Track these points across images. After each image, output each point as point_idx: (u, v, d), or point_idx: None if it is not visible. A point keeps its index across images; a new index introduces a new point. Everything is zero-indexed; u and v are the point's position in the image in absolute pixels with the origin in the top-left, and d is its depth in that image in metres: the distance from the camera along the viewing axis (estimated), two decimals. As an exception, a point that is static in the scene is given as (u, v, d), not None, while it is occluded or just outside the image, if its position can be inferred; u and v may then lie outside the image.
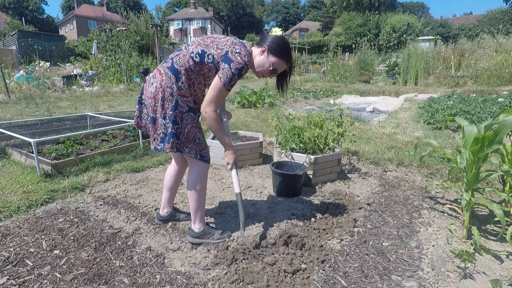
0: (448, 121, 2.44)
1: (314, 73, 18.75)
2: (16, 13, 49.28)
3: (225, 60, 1.68)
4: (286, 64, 1.83)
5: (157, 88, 1.72)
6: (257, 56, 1.79)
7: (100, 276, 1.65)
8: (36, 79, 9.58)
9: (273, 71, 1.79)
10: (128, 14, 18.45)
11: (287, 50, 1.79)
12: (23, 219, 2.20)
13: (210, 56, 1.71)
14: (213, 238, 1.94)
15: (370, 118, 6.14)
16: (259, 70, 1.81)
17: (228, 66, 1.67)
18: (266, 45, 1.76)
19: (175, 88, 1.71)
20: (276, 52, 1.76)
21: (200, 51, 1.72)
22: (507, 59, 10.27)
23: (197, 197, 1.89)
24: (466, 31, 36.51)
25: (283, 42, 1.77)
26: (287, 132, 3.11)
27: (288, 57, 1.80)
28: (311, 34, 44.58)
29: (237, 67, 1.67)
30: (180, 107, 1.73)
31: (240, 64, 1.67)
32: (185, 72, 1.72)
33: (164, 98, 1.71)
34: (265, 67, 1.78)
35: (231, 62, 1.67)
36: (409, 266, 1.76)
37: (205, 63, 1.72)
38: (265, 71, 1.80)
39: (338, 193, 2.69)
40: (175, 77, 1.71)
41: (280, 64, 1.79)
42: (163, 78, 1.72)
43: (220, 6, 61.63)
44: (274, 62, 1.77)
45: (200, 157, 1.83)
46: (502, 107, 5.99)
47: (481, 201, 1.92)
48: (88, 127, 4.66)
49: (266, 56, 1.77)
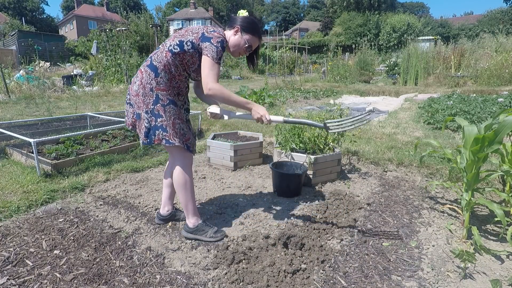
0: (448, 121, 2.44)
1: (314, 73, 18.76)
2: (16, 13, 49.29)
3: (204, 40, 1.77)
4: (259, 39, 1.94)
5: (138, 85, 1.82)
6: (231, 37, 1.89)
7: (100, 276, 1.65)
8: (36, 79, 9.58)
9: (248, 47, 1.90)
10: (128, 14, 18.46)
11: (258, 27, 1.92)
12: (23, 219, 2.20)
13: (188, 43, 1.78)
14: (206, 236, 1.97)
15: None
16: (235, 49, 1.90)
17: (209, 43, 1.75)
18: (238, 24, 1.88)
19: (154, 83, 1.79)
20: (249, 30, 1.88)
21: (178, 42, 1.79)
22: (507, 59, 10.27)
23: (184, 190, 1.94)
24: (466, 31, 36.51)
25: (253, 20, 1.91)
26: (287, 132, 3.11)
27: (259, 33, 1.93)
28: (311, 34, 44.59)
29: (218, 40, 1.76)
30: (161, 101, 1.80)
31: (219, 37, 1.77)
32: (163, 68, 1.79)
33: (145, 94, 1.80)
34: (240, 45, 1.89)
35: (210, 39, 1.76)
36: (409, 266, 1.76)
37: (185, 50, 1.79)
38: (241, 49, 1.90)
39: (338, 193, 2.68)
40: (154, 73, 1.79)
41: (253, 40, 1.91)
42: (143, 75, 1.82)
43: (220, 6, 61.65)
44: (248, 39, 1.88)
45: (187, 147, 1.91)
46: (502, 107, 5.99)
47: (481, 201, 1.92)
48: (88, 127, 4.65)
49: (240, 35, 1.88)
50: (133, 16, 18.08)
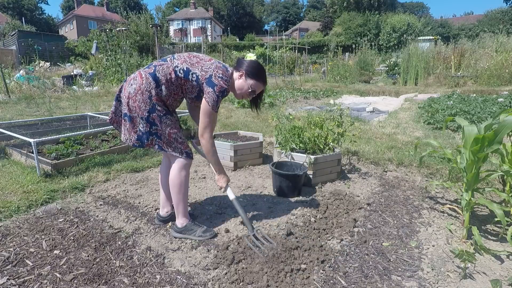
0: (448, 121, 2.44)
1: (314, 73, 18.75)
2: (15, 13, 49.29)
3: (209, 84, 1.82)
4: (263, 85, 1.97)
5: (135, 90, 1.80)
6: (236, 79, 1.93)
7: (100, 276, 1.65)
8: (36, 79, 9.58)
9: (251, 92, 1.94)
10: (128, 14, 18.45)
11: (263, 73, 1.95)
12: (23, 219, 2.20)
13: (194, 75, 1.84)
14: (195, 235, 2.00)
15: (370, 118, 6.14)
16: (239, 92, 1.95)
17: (213, 90, 1.81)
18: (244, 69, 1.91)
19: (153, 93, 1.80)
20: (253, 75, 1.90)
21: (185, 68, 1.84)
22: (507, 59, 10.27)
23: (177, 191, 1.97)
24: (466, 31, 36.51)
25: (258, 66, 1.93)
26: (287, 132, 3.10)
27: (264, 79, 1.96)
28: (311, 34, 44.56)
29: (220, 90, 1.82)
30: (158, 111, 1.83)
31: (222, 87, 1.83)
32: (165, 82, 1.83)
33: (143, 100, 1.80)
34: (244, 89, 1.93)
35: (214, 86, 1.81)
36: (409, 266, 1.76)
37: (189, 80, 1.85)
38: (244, 93, 1.95)
39: (338, 193, 2.68)
40: (156, 84, 1.81)
41: (257, 85, 1.94)
42: (143, 81, 1.80)
43: (220, 6, 61.63)
44: (252, 84, 1.91)
45: (186, 155, 1.95)
46: (502, 107, 5.99)
47: (481, 201, 1.92)
48: (88, 127, 4.65)
49: (245, 80, 1.91)
50: (133, 16, 18.06)
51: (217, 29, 53.71)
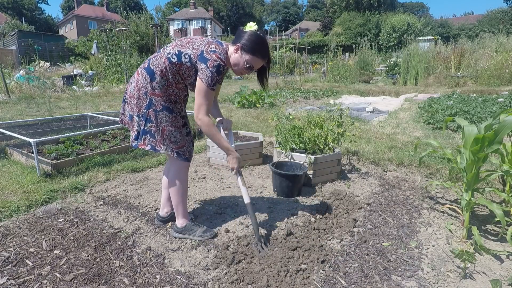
0: (448, 121, 2.44)
1: (314, 73, 18.75)
2: (15, 13, 49.28)
3: (201, 60, 1.69)
4: (262, 60, 1.79)
5: (134, 87, 1.80)
6: (232, 54, 1.78)
7: (100, 276, 1.65)
8: (36, 79, 9.58)
9: (248, 68, 1.78)
10: (128, 14, 18.45)
11: (261, 46, 1.75)
12: (23, 219, 2.20)
13: (186, 56, 1.73)
14: (195, 235, 2.00)
15: (370, 118, 6.14)
16: (235, 68, 1.80)
17: (205, 66, 1.68)
18: (240, 43, 1.74)
19: (149, 87, 1.76)
20: (249, 50, 1.73)
21: (177, 52, 1.74)
22: (507, 59, 10.27)
23: (176, 192, 1.96)
24: (466, 31, 36.52)
25: (257, 39, 1.73)
26: (287, 132, 3.10)
27: (263, 53, 1.77)
28: (311, 34, 44.55)
29: (213, 65, 1.67)
30: (154, 106, 1.77)
31: (216, 61, 1.68)
32: (160, 73, 1.75)
33: (139, 97, 1.78)
34: (240, 65, 1.77)
35: (207, 61, 1.68)
36: (409, 266, 1.76)
37: (182, 62, 1.74)
38: (241, 69, 1.79)
39: (338, 193, 2.68)
40: (150, 77, 1.76)
41: (255, 61, 1.77)
42: (139, 78, 1.79)
43: (220, 6, 61.61)
44: (248, 60, 1.75)
45: (177, 155, 1.87)
46: (502, 107, 5.99)
47: (481, 201, 1.92)
48: (88, 127, 4.65)
49: (240, 54, 1.75)
50: (133, 16, 18.06)
51: (217, 29, 53.70)
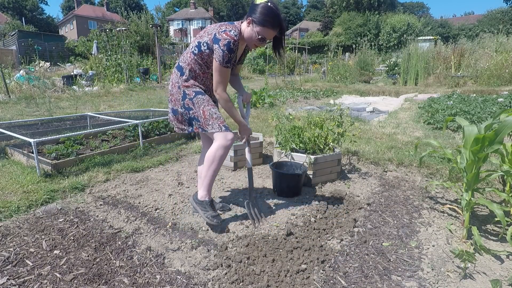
0: (448, 121, 2.44)
1: (314, 73, 18.74)
2: (15, 13, 49.29)
3: (215, 41, 1.85)
4: (273, 30, 1.86)
5: (171, 85, 2.07)
6: (245, 29, 1.90)
7: (100, 276, 1.65)
8: (36, 79, 9.58)
9: (261, 39, 1.87)
10: (128, 14, 18.45)
11: (271, 17, 1.82)
12: (23, 219, 2.20)
13: (204, 44, 1.90)
14: (205, 214, 2.03)
15: (370, 118, 6.14)
16: (249, 42, 1.92)
17: (218, 46, 1.83)
18: (251, 16, 1.85)
19: (180, 81, 2.00)
20: (259, 22, 1.83)
21: (197, 43, 1.94)
22: (507, 59, 10.27)
23: (209, 165, 2.00)
24: (466, 31, 36.51)
25: (266, 10, 1.81)
26: (287, 132, 3.10)
27: (273, 24, 1.83)
28: (311, 34, 44.53)
29: (224, 43, 1.81)
30: (188, 95, 1.98)
31: (226, 39, 1.80)
32: (188, 67, 1.98)
33: (177, 92, 2.02)
34: (252, 38, 1.88)
35: (218, 41, 1.83)
36: (409, 266, 1.76)
37: (202, 51, 1.92)
38: (254, 41, 1.89)
39: (338, 193, 2.68)
40: (180, 72, 2.01)
41: (266, 32, 1.85)
42: (173, 76, 2.06)
43: (220, 6, 61.62)
44: (259, 31, 1.85)
45: (225, 128, 1.97)
46: (502, 107, 5.99)
47: (481, 201, 1.92)
48: (88, 127, 4.65)
49: (252, 28, 1.86)
50: (134, 16, 18.06)
51: (217, 29, 53.61)
